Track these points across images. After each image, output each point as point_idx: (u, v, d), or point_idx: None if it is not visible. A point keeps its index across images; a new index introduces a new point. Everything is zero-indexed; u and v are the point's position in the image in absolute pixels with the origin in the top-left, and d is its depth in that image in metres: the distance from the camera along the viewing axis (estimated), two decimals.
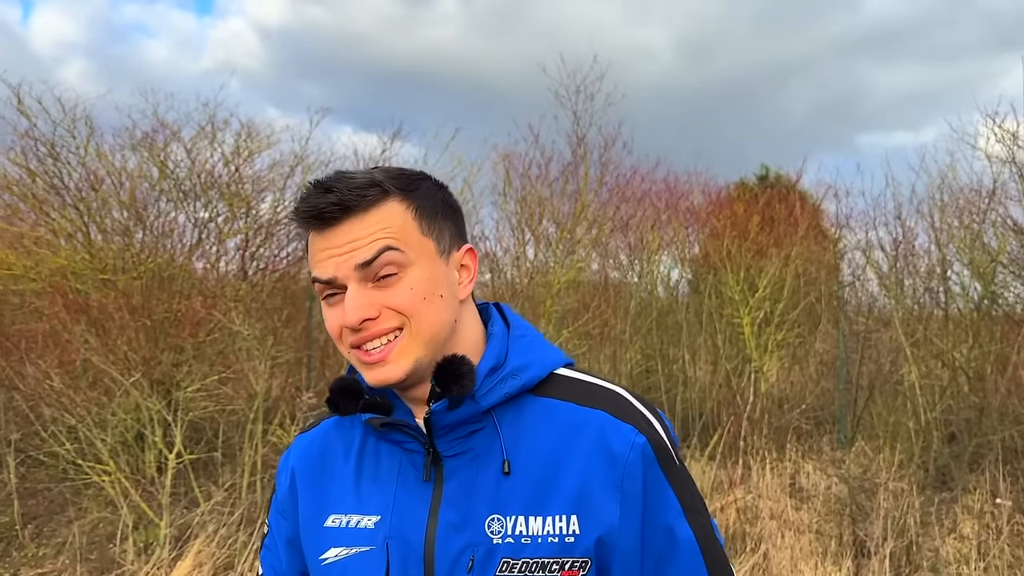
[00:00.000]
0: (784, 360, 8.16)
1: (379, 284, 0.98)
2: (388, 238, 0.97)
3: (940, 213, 7.49)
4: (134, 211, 6.65)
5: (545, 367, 1.06)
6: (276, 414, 6.31)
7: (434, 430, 1.00)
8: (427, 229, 1.02)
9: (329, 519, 1.07)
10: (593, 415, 1.02)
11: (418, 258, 0.99)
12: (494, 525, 0.98)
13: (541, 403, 1.04)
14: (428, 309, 0.99)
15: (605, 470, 0.99)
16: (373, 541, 1.02)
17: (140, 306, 6.18)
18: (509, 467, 1.00)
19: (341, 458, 1.11)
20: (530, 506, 0.98)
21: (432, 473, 1.02)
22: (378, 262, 0.97)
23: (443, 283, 1.01)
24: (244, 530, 5.60)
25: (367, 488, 1.06)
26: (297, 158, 7.58)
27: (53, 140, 6.70)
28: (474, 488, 1.00)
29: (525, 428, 1.02)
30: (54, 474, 6.70)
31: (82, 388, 6.09)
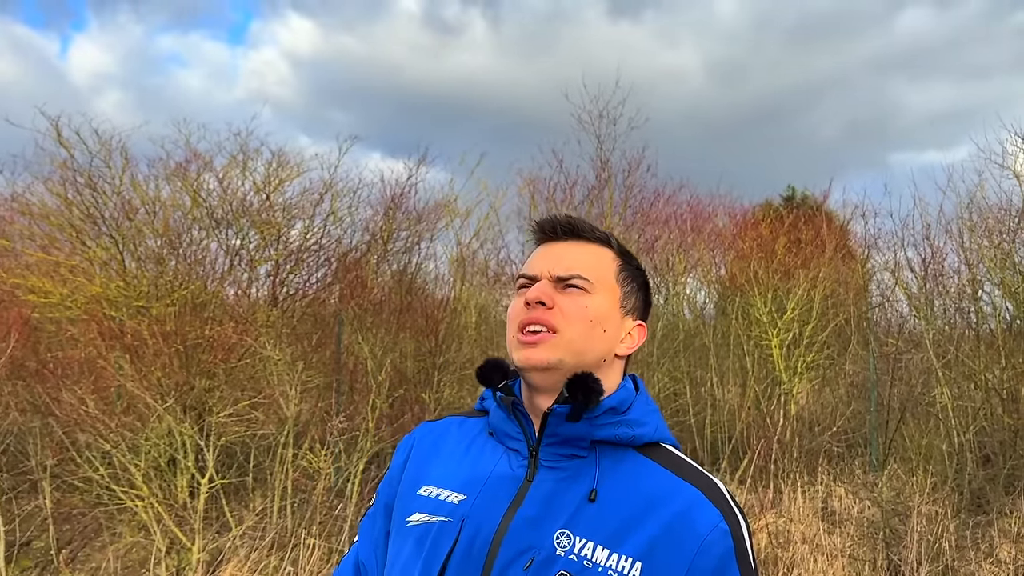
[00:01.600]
0: (814, 382, 8.08)
1: (564, 291, 1.14)
2: (587, 269, 1.15)
3: (969, 233, 7.42)
4: (167, 239, 6.77)
5: (657, 433, 1.16)
6: (306, 438, 6.36)
7: (545, 434, 1.12)
8: (622, 281, 1.19)
9: (423, 488, 1.18)
10: (687, 488, 1.09)
11: (602, 292, 1.16)
12: (562, 539, 1.05)
13: (642, 461, 1.13)
14: (587, 331, 1.13)
15: (682, 540, 1.04)
16: (453, 515, 1.11)
17: (173, 332, 6.27)
18: (595, 496, 1.08)
19: (453, 443, 1.23)
20: (602, 537, 1.05)
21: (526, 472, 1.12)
22: (569, 280, 1.14)
23: (611, 325, 1.16)
24: (275, 554, 5.63)
25: (465, 470, 1.17)
26: (326, 185, 7.70)
27: (90, 171, 6.87)
28: (556, 500, 1.08)
29: (621, 473, 1.11)
30: (88, 499, 6.79)
31: (116, 414, 6.17)
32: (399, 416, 6.75)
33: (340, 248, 7.83)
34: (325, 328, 7.42)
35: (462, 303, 8.27)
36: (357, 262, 7.63)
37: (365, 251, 7.92)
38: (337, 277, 7.58)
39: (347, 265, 7.58)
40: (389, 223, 8.16)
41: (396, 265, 8.12)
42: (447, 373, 7.51)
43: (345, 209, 7.87)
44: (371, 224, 8.24)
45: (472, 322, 8.09)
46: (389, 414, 6.65)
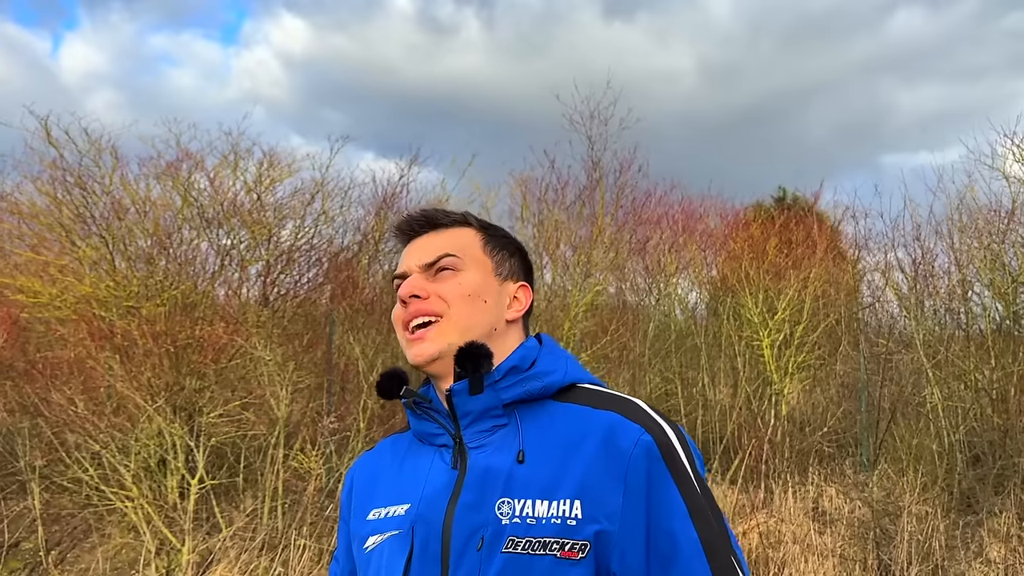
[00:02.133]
0: (805, 383, 8.11)
1: (436, 277, 1.15)
2: (452, 248, 1.17)
3: (959, 234, 7.46)
4: (158, 239, 6.75)
5: (568, 377, 1.15)
6: (297, 439, 6.35)
7: (459, 417, 1.11)
8: (489, 252, 1.20)
9: (371, 513, 1.18)
10: (605, 415, 1.09)
11: (473, 266, 1.17)
12: (504, 507, 1.05)
13: (561, 407, 1.13)
14: (468, 305, 1.14)
15: (610, 462, 1.04)
16: (401, 525, 1.11)
17: (163, 332, 6.25)
18: (523, 456, 1.07)
19: (388, 463, 1.23)
20: (538, 491, 1.04)
21: (457, 462, 1.11)
22: (437, 264, 1.16)
23: (491, 294, 1.17)
24: (266, 555, 5.62)
25: (404, 482, 1.17)
26: (317, 185, 7.69)
27: (80, 170, 6.84)
28: (490, 475, 1.07)
29: (543, 426, 1.10)
30: (77, 500, 6.76)
31: (106, 414, 6.15)
32: (391, 416, 6.75)
33: (331, 248, 7.82)
34: (316, 328, 7.41)
35: None
36: (348, 262, 7.62)
37: (357, 251, 7.91)
38: (328, 277, 7.57)
39: (338, 265, 7.57)
40: (381, 223, 8.15)
41: (388, 265, 8.11)
42: None
43: (336, 209, 7.87)
44: (363, 224, 8.24)
45: None
46: (381, 414, 6.65)
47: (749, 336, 7.77)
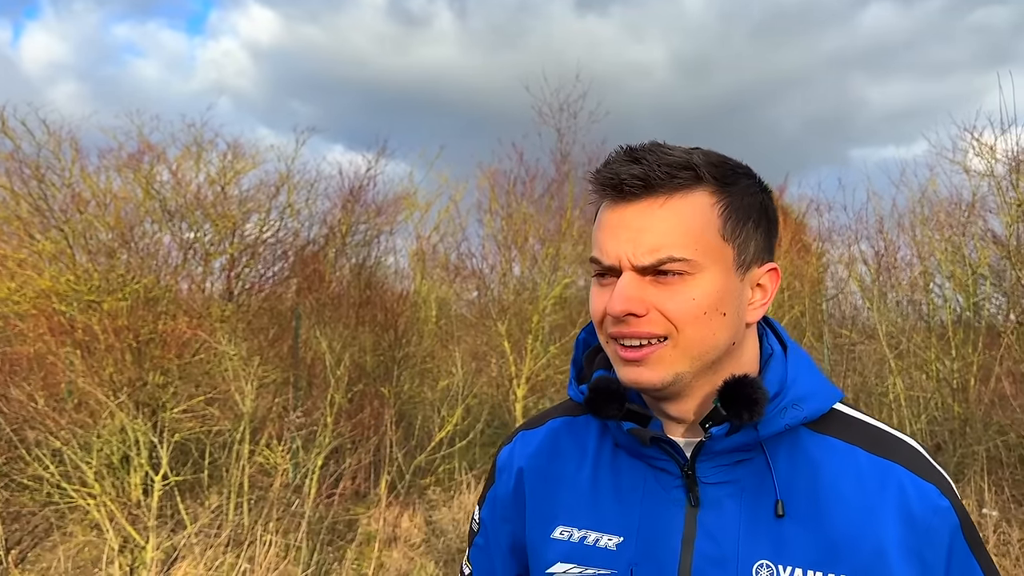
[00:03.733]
0: None
1: (659, 280, 0.88)
2: (681, 244, 0.87)
3: (921, 226, 7.58)
4: (119, 232, 6.64)
5: (828, 400, 0.95)
6: (263, 434, 6.30)
7: (699, 453, 0.91)
8: (731, 234, 0.90)
9: (557, 530, 0.98)
10: (890, 468, 0.90)
11: (711, 265, 0.89)
12: (763, 572, 0.88)
13: (821, 441, 0.93)
14: (704, 326, 0.89)
15: (904, 534, 0.87)
16: (615, 565, 0.93)
17: (125, 327, 6.16)
18: (783, 509, 0.89)
19: (574, 464, 1.01)
20: (812, 560, 0.87)
21: (687, 496, 0.92)
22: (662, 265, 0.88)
23: (731, 301, 0.90)
24: (232, 551, 5.57)
25: (606, 503, 0.97)
26: (283, 178, 7.61)
27: (38, 162, 6.71)
28: (739, 525, 0.89)
29: (803, 467, 0.91)
30: (39, 498, 6.65)
31: (67, 411, 6.06)
32: (358, 411, 6.72)
33: (297, 241, 7.76)
34: (282, 323, 7.36)
35: (422, 297, 8.24)
36: (315, 256, 7.56)
37: (323, 245, 7.85)
38: (294, 271, 7.51)
39: (304, 259, 7.51)
40: (347, 216, 8.09)
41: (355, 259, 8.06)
42: (407, 367, 7.48)
43: (302, 202, 7.80)
44: (329, 217, 8.17)
45: (432, 316, 8.08)
46: (348, 409, 6.62)
47: None
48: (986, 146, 6.98)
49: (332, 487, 6.23)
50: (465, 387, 7.11)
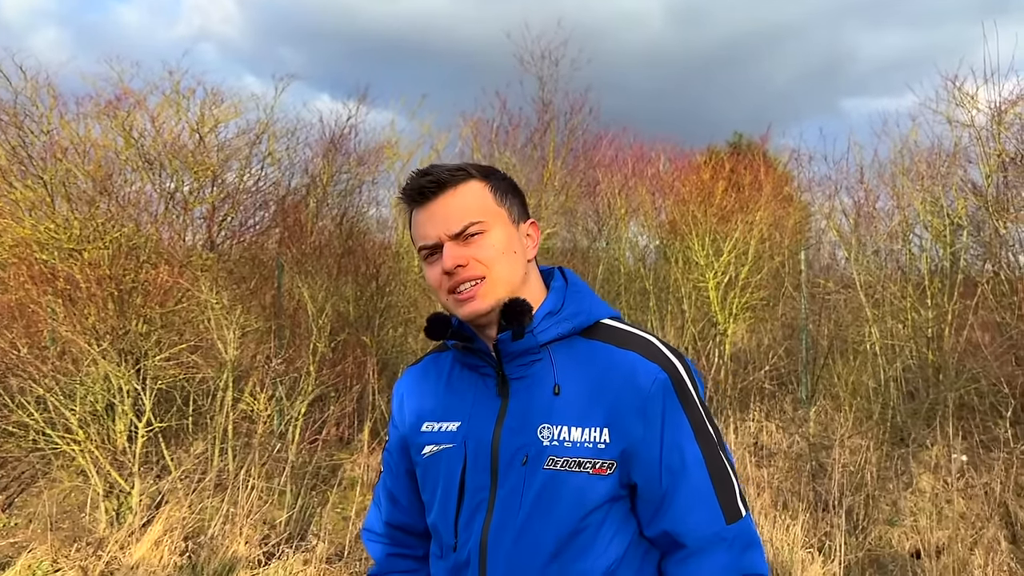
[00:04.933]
0: (749, 323, 8.30)
1: (468, 242, 1.28)
2: (471, 213, 1.29)
3: (901, 177, 7.62)
4: (99, 180, 6.59)
5: (592, 316, 1.34)
6: (247, 382, 6.34)
7: (502, 357, 1.31)
8: (501, 201, 1.33)
9: (424, 425, 1.41)
10: (627, 355, 1.29)
11: (496, 223, 1.30)
12: (544, 432, 1.28)
13: (588, 344, 1.32)
14: (505, 261, 1.30)
15: (632, 398, 1.26)
16: (455, 440, 1.35)
17: (107, 276, 6.15)
18: (559, 390, 1.29)
19: (434, 381, 1.44)
20: (573, 419, 1.27)
21: (500, 391, 1.33)
22: (465, 232, 1.28)
23: (517, 243, 1.33)
24: (216, 495, 5.66)
25: (452, 401, 1.39)
26: (263, 126, 7.54)
27: (15, 108, 6.62)
28: (530, 404, 1.30)
29: (573, 362, 1.31)
30: (24, 445, 6.69)
31: (50, 359, 6.07)
32: (341, 359, 6.76)
33: (279, 191, 7.71)
34: (264, 272, 7.36)
35: (404, 247, 8.24)
36: (296, 205, 7.53)
37: (305, 194, 7.81)
38: (276, 220, 7.48)
39: (286, 208, 7.47)
40: (329, 166, 8.03)
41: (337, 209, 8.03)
42: (389, 317, 7.52)
43: (283, 151, 7.73)
44: (311, 166, 8.11)
45: (414, 266, 8.08)
46: (331, 358, 6.66)
47: (696, 278, 7.90)
48: (968, 96, 7.00)
49: (315, 433, 6.31)
50: None
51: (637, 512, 1.30)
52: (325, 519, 5.47)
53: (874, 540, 5.41)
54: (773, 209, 8.52)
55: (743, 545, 1.27)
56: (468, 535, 1.31)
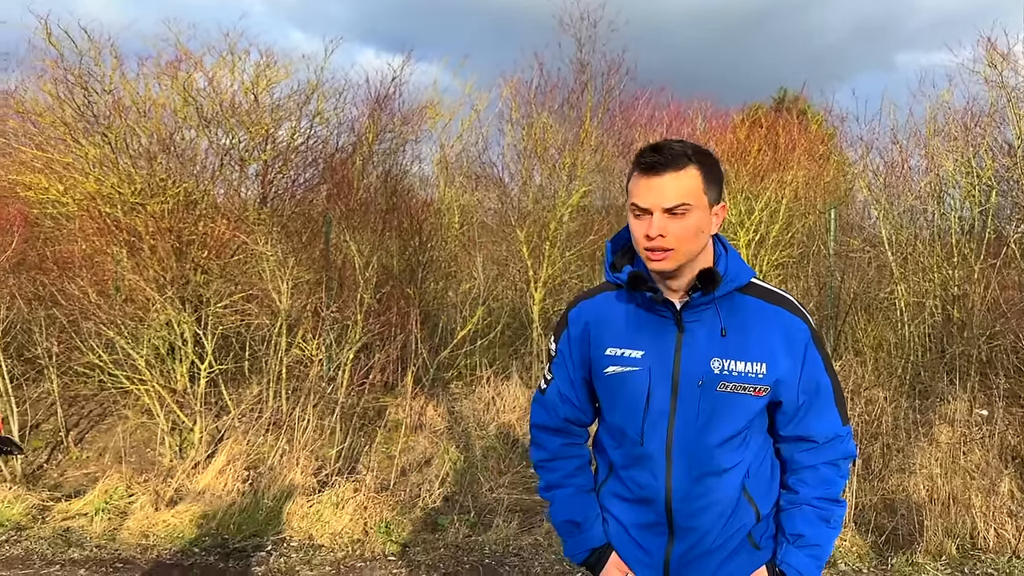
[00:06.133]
0: (779, 280, 8.48)
1: (673, 216, 1.63)
2: (686, 195, 1.63)
3: (934, 136, 7.69)
4: (159, 138, 6.94)
5: (745, 277, 1.75)
6: (299, 330, 6.68)
7: (684, 307, 1.71)
8: (707, 189, 1.66)
9: (608, 350, 1.79)
10: (777, 310, 1.75)
11: (697, 207, 1.64)
12: (715, 363, 1.71)
13: (743, 298, 1.75)
14: (692, 240, 1.66)
15: (783, 342, 1.72)
16: (640, 364, 1.75)
17: (168, 229, 6.50)
18: (725, 332, 1.72)
19: (617, 315, 1.80)
20: (738, 355, 1.71)
21: (677, 331, 1.73)
22: (676, 209, 1.62)
23: (705, 224, 1.68)
24: (271, 433, 6.08)
25: (636, 335, 1.77)
26: (312, 86, 7.83)
27: (80, 69, 6.96)
28: (703, 342, 1.72)
29: (734, 312, 1.73)
30: (93, 385, 7.16)
31: (117, 305, 6.46)
32: (386, 310, 7.08)
33: (327, 149, 8.02)
34: (314, 227, 7.64)
35: (446, 204, 8.53)
36: (344, 163, 7.84)
37: (351, 152, 8.11)
38: (324, 178, 7.80)
39: (334, 166, 7.78)
40: (375, 125, 8.32)
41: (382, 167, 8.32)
42: (431, 270, 7.84)
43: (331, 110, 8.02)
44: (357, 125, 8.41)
45: (455, 222, 8.37)
46: (376, 308, 6.94)
47: (727, 236, 8.09)
48: (1000, 55, 7.04)
49: (362, 378, 6.65)
50: (485, 290, 7.48)
51: (775, 420, 1.79)
52: (372, 456, 5.87)
53: (892, 487, 5.66)
54: (807, 167, 8.63)
55: (847, 438, 1.79)
56: (653, 434, 1.74)
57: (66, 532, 4.97)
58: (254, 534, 4.85)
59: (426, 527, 4.95)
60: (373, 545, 4.71)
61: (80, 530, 4.98)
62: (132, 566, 4.54)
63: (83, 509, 5.20)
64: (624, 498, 1.85)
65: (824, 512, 1.77)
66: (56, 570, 4.48)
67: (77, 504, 5.27)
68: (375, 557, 4.63)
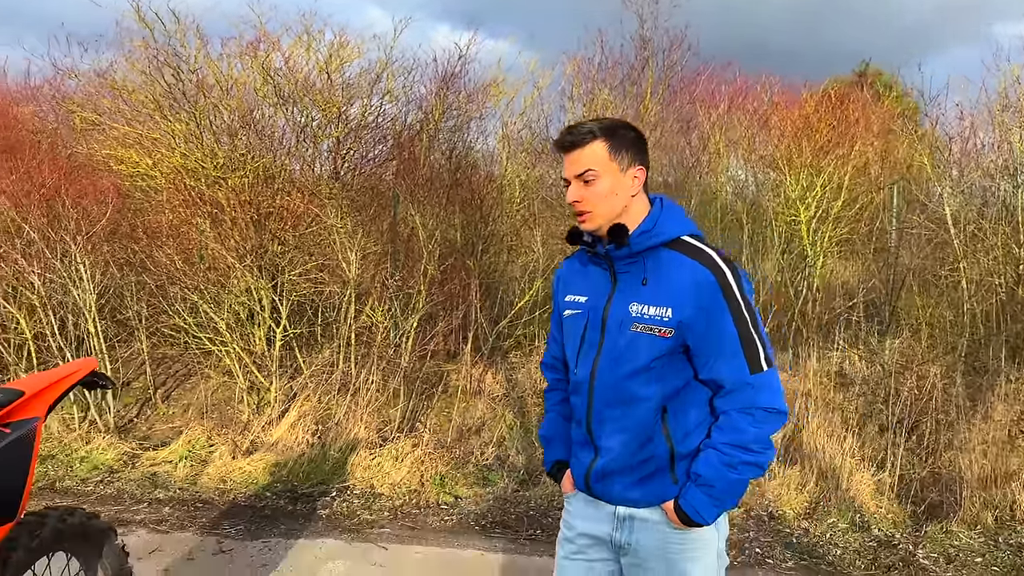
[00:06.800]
0: (841, 255, 8.46)
1: (586, 184, 1.93)
2: (592, 163, 1.91)
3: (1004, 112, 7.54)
4: (240, 115, 7.34)
5: (673, 233, 1.96)
6: (367, 298, 7.01)
7: (612, 259, 1.97)
8: (613, 156, 1.92)
9: (567, 297, 2.11)
10: (690, 262, 1.91)
11: (605, 174, 1.91)
12: (633, 307, 1.94)
13: (668, 253, 1.94)
14: (606, 202, 1.93)
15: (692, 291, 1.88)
16: (582, 308, 2.04)
17: (247, 201, 6.89)
18: (646, 282, 1.94)
19: (577, 269, 2.13)
20: (650, 300, 1.92)
21: (611, 280, 1.99)
22: (583, 177, 1.92)
23: (619, 187, 1.93)
24: (340, 394, 6.47)
25: (584, 284, 2.07)
26: (382, 65, 8.12)
27: (168, 49, 7.40)
28: (628, 289, 1.96)
29: (657, 264, 1.94)
30: (178, 347, 7.66)
31: (202, 271, 6.91)
32: (448, 281, 7.34)
33: (396, 126, 8.32)
34: (382, 201, 7.90)
35: (507, 180, 8.74)
36: (411, 140, 8.11)
37: (419, 130, 8.39)
38: (392, 154, 8.10)
39: (402, 143, 8.06)
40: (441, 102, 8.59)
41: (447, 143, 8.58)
42: (492, 243, 8.08)
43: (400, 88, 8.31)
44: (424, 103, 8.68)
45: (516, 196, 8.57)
46: (439, 279, 7.14)
47: (789, 212, 8.11)
48: None
49: (425, 345, 6.96)
50: (543, 263, 7.69)
51: (694, 365, 1.94)
52: (431, 417, 6.21)
53: (942, 462, 5.69)
54: (875, 143, 8.54)
55: (760, 387, 1.89)
56: (583, 365, 2.02)
57: (153, 476, 5.47)
58: (320, 482, 5.26)
59: (478, 482, 5.27)
60: (428, 495, 5.06)
61: (165, 475, 5.48)
62: (211, 506, 5.00)
63: (168, 457, 5.69)
64: (571, 420, 2.16)
65: (728, 457, 1.89)
66: (144, 507, 4.97)
67: (163, 452, 5.77)
68: (429, 505, 4.98)
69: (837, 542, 4.56)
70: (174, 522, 4.71)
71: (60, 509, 2.66)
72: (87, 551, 2.75)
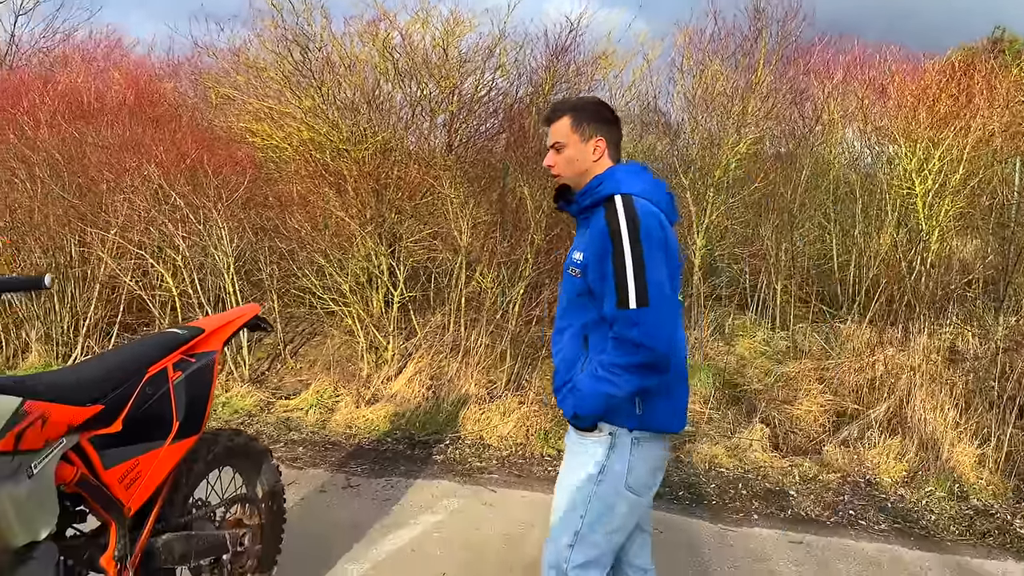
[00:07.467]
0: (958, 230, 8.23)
1: (556, 152, 2.39)
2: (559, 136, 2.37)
3: None
4: (362, 91, 7.75)
5: (605, 193, 2.28)
6: (477, 266, 7.28)
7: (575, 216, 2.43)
8: (575, 129, 2.36)
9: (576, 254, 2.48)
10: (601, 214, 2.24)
11: (570, 144, 2.36)
12: (573, 255, 2.38)
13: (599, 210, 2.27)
14: (569, 167, 2.39)
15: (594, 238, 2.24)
16: None
17: (368, 173, 7.30)
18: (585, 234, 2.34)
19: None
20: (577, 247, 2.36)
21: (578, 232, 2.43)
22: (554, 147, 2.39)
23: (580, 155, 2.36)
24: (451, 355, 6.86)
25: None
26: (495, 39, 8.32)
27: (296, 28, 7.83)
28: (578, 239, 2.41)
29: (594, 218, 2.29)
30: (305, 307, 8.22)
31: (327, 237, 7.40)
32: (553, 250, 7.57)
33: (507, 100, 8.54)
34: (492, 173, 8.04)
35: None
36: (521, 113, 8.31)
37: (529, 103, 8.58)
38: (503, 127, 8.34)
39: (512, 116, 8.28)
40: (551, 76, 8.76)
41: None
42: None
43: (512, 63, 8.50)
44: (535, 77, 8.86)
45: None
46: (546, 249, 7.34)
47: (905, 185, 7.94)
48: None
49: (531, 311, 7.24)
50: None
51: None
52: (535, 378, 6.53)
53: None
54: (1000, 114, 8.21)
55: (632, 322, 2.12)
56: None
57: (286, 421, 6.02)
58: (435, 431, 5.68)
59: None
60: (532, 448, 5.40)
61: (297, 420, 6.02)
62: (338, 448, 5.50)
63: (299, 405, 6.24)
64: None
65: (597, 373, 2.21)
66: (280, 446, 5.51)
67: (295, 401, 6.32)
68: (532, 456, 5.32)
69: (933, 508, 4.62)
70: (307, 460, 5.23)
71: (229, 430, 3.11)
72: (248, 468, 3.20)
